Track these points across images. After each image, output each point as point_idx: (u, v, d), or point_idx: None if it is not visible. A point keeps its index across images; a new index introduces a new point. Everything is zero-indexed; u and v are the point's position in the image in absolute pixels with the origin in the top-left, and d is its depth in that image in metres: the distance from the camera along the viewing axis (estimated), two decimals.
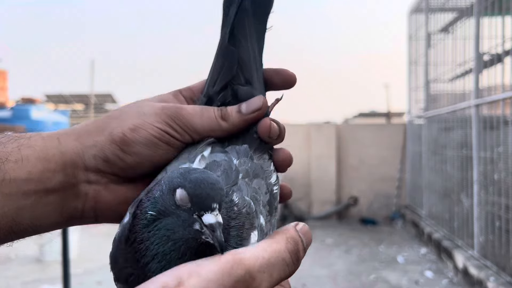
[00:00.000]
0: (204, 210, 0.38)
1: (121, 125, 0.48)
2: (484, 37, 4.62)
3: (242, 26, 0.51)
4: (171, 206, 0.39)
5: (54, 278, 4.51)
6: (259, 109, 0.50)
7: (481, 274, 4.05)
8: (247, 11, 0.51)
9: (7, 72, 15.11)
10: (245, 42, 0.51)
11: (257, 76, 0.52)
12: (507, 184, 3.94)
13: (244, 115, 0.50)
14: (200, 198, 0.38)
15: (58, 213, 0.47)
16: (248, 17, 0.51)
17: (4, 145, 0.44)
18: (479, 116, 4.56)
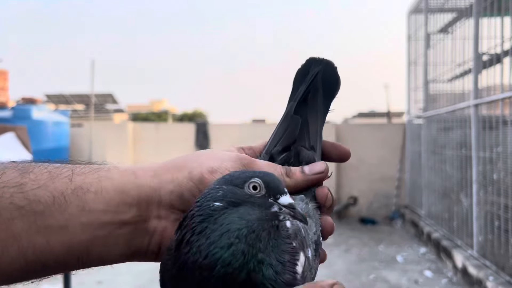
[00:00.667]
0: (279, 194, 0.43)
1: (200, 166, 0.50)
2: (483, 37, 4.63)
3: (311, 103, 0.58)
4: (243, 196, 0.42)
5: (54, 278, 4.51)
6: (322, 172, 0.55)
7: (480, 274, 4.06)
8: (317, 90, 0.58)
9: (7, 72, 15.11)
10: (310, 115, 0.58)
11: (319, 146, 0.58)
12: (506, 183, 3.95)
13: (307, 175, 0.54)
14: (274, 184, 0.43)
15: (126, 246, 0.48)
16: (316, 96, 0.58)
17: (86, 175, 0.47)
18: (478, 116, 4.57)
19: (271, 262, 0.40)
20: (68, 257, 0.45)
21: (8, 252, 0.42)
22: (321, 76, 0.58)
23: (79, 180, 0.46)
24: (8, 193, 0.42)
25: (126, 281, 4.62)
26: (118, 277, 4.68)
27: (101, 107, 17.18)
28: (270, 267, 0.40)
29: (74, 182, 0.45)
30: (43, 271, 0.45)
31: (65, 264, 0.45)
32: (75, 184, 0.45)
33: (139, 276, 4.75)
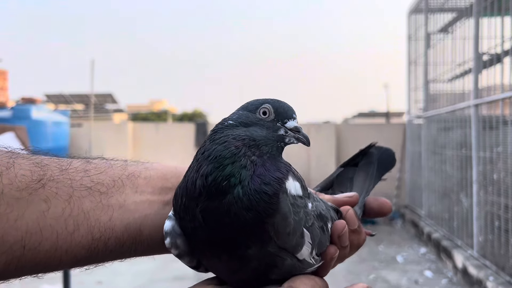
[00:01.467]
0: (287, 119, 0.49)
1: None
2: (483, 37, 4.63)
3: (366, 168, 0.68)
4: (254, 119, 0.48)
5: (54, 278, 4.51)
6: (350, 197, 0.61)
7: (481, 274, 4.05)
8: (374, 164, 0.68)
9: (7, 72, 15.11)
10: (358, 175, 0.67)
11: (362, 197, 0.65)
12: (506, 184, 3.95)
13: (335, 198, 0.61)
14: (283, 109, 0.49)
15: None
16: (369, 166, 0.68)
17: (136, 166, 0.57)
18: (478, 116, 4.57)
19: (255, 170, 0.44)
20: (126, 237, 0.52)
21: (79, 229, 0.48)
22: (378, 155, 0.69)
23: (131, 169, 0.56)
24: (78, 176, 0.50)
25: (126, 281, 4.61)
26: (118, 277, 4.67)
27: (101, 107, 17.19)
28: (251, 171, 0.44)
29: (128, 170, 0.55)
30: (104, 252, 0.51)
31: (122, 245, 0.52)
32: (128, 171, 0.55)
33: (139, 276, 4.74)
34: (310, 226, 0.48)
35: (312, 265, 0.49)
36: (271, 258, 0.44)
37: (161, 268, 4.89)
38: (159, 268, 4.88)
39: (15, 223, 0.44)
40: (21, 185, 0.46)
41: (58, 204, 0.47)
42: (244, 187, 0.43)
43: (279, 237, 0.44)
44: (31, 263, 0.46)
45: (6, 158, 0.47)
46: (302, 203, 0.48)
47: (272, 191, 0.43)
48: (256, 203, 0.42)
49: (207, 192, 0.43)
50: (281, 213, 0.43)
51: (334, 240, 0.53)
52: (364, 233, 0.57)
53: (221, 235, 0.43)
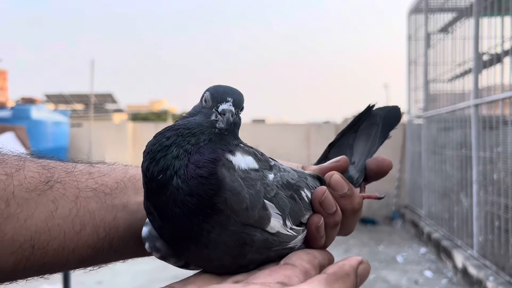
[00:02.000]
0: (220, 103, 0.47)
1: None
2: (484, 37, 4.63)
3: (368, 131, 0.66)
4: (198, 108, 0.50)
5: (54, 278, 4.50)
6: (337, 161, 0.59)
7: (481, 274, 4.05)
8: (377, 125, 0.66)
9: (7, 72, 15.11)
10: (365, 139, 0.65)
11: (361, 161, 0.64)
12: (506, 184, 3.95)
13: (322, 166, 0.59)
14: (218, 93, 0.48)
15: None
16: (375, 127, 0.66)
17: (137, 169, 0.57)
18: (478, 116, 4.57)
19: (190, 158, 0.44)
20: (129, 236, 0.53)
21: (85, 228, 0.50)
22: (382, 115, 0.66)
23: (132, 172, 0.58)
24: (84, 178, 0.53)
25: (126, 281, 4.61)
26: (117, 277, 4.67)
27: (101, 107, 17.19)
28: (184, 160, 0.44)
29: (129, 173, 0.57)
30: (109, 252, 0.53)
31: (126, 244, 0.53)
32: (129, 174, 0.57)
33: (139, 276, 4.74)
34: (273, 196, 0.47)
35: (294, 237, 0.48)
36: (237, 237, 0.44)
37: (161, 268, 4.89)
38: (159, 268, 4.88)
39: (25, 222, 0.46)
40: (30, 186, 0.47)
41: (65, 205, 0.49)
42: (180, 176, 0.43)
43: (237, 214, 0.43)
44: (39, 263, 0.47)
45: (16, 160, 0.49)
46: (258, 175, 0.47)
47: (207, 172, 0.43)
48: (195, 187, 0.42)
49: (151, 188, 0.44)
50: (230, 189, 0.43)
51: (317, 208, 0.51)
52: (358, 197, 0.54)
53: (179, 227, 0.43)
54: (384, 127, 0.66)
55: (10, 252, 0.45)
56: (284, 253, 0.47)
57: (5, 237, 0.44)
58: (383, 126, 0.66)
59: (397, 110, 0.68)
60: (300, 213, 0.50)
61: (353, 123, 0.66)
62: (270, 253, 0.46)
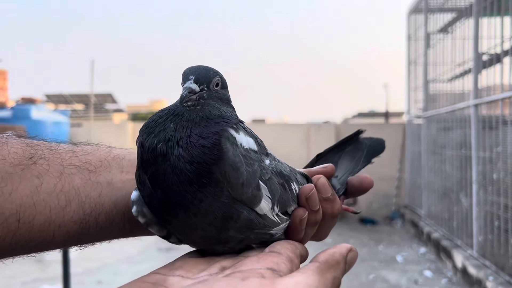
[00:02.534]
0: (184, 82, 0.49)
1: None
2: (483, 37, 4.63)
3: (353, 153, 0.71)
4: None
5: (54, 278, 4.51)
6: (325, 167, 0.63)
7: (480, 274, 4.05)
8: (362, 151, 0.71)
9: (7, 71, 15.10)
10: (349, 159, 0.71)
11: (345, 176, 0.68)
12: (506, 183, 3.95)
13: (311, 170, 0.63)
14: (184, 73, 0.50)
15: None
16: (360, 153, 0.71)
17: (121, 150, 0.60)
18: (478, 116, 4.57)
19: (192, 130, 0.46)
20: (115, 213, 0.55)
21: (71, 204, 0.51)
22: (367, 144, 0.72)
23: (116, 152, 0.59)
24: (67, 155, 0.54)
25: (126, 281, 4.59)
26: (117, 277, 4.67)
27: (101, 107, 17.19)
28: (176, 143, 0.45)
29: (113, 152, 0.59)
30: (95, 229, 0.53)
31: (112, 221, 0.55)
32: (113, 154, 0.58)
33: (138, 276, 4.73)
34: (267, 180, 0.49)
35: (277, 224, 0.50)
36: (226, 210, 0.45)
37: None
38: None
39: (9, 196, 0.46)
40: (14, 161, 0.48)
41: (50, 180, 0.50)
42: (182, 146, 0.45)
43: (233, 188, 0.45)
44: (25, 238, 0.48)
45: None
46: (257, 157, 0.49)
47: (210, 143, 0.45)
48: (197, 156, 0.44)
49: (147, 159, 0.46)
50: (231, 163, 0.45)
51: (303, 203, 0.53)
52: (339, 203, 0.57)
53: (172, 195, 0.45)
54: (368, 154, 0.71)
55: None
56: (264, 238, 0.50)
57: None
58: (367, 153, 0.71)
59: (381, 143, 0.73)
60: (288, 202, 0.52)
61: (340, 143, 0.72)
62: (251, 234, 0.48)
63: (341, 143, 0.72)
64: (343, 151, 0.71)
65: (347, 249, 0.46)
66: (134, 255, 5.49)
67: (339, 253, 0.45)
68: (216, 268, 0.45)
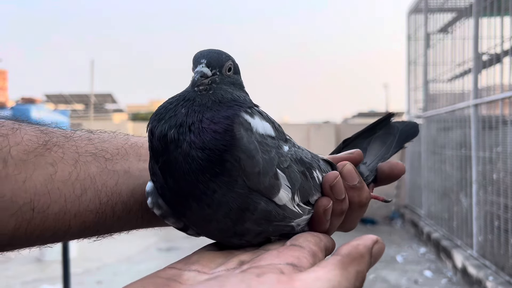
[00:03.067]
0: (196, 66, 0.48)
1: None
2: (483, 37, 4.63)
3: (384, 139, 0.67)
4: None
5: (54, 278, 4.52)
6: (351, 153, 0.59)
7: (480, 274, 4.06)
8: (394, 136, 0.67)
9: (7, 71, 15.11)
10: (379, 145, 0.66)
11: (375, 163, 0.64)
12: (506, 183, 3.95)
13: (336, 156, 0.60)
14: (195, 58, 0.48)
15: None
16: (392, 138, 0.67)
17: (138, 138, 0.59)
18: (478, 116, 4.57)
19: (204, 114, 0.44)
20: (132, 202, 0.53)
21: (86, 193, 0.49)
22: (401, 127, 0.67)
23: (134, 140, 0.58)
24: (83, 143, 0.52)
25: (126, 281, 4.59)
26: (117, 277, 4.67)
27: (101, 107, 17.19)
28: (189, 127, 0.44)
29: (131, 140, 0.57)
30: (112, 219, 0.52)
31: (129, 210, 0.53)
32: (131, 142, 0.57)
33: (138, 276, 4.72)
34: (286, 168, 0.46)
35: (299, 214, 0.47)
36: (241, 200, 0.43)
37: (161, 268, 4.89)
38: (159, 268, 4.88)
39: (23, 184, 0.45)
40: (27, 148, 0.46)
41: (64, 168, 0.48)
42: (194, 131, 0.43)
43: (248, 177, 0.43)
44: (40, 228, 0.46)
45: (11, 123, 0.48)
46: (274, 143, 0.47)
47: (222, 128, 0.43)
48: (208, 141, 0.42)
49: (158, 146, 0.44)
50: (245, 150, 0.42)
51: (327, 192, 0.50)
52: (367, 191, 0.53)
53: (184, 185, 0.43)
54: (400, 139, 0.66)
55: (9, 214, 0.44)
56: (285, 230, 0.47)
57: (4, 198, 0.43)
58: (399, 137, 0.66)
59: (415, 127, 0.68)
60: (310, 191, 0.49)
61: (369, 127, 0.67)
62: (269, 227, 0.46)
63: (371, 127, 0.67)
64: (373, 136, 0.66)
65: (372, 240, 0.42)
66: (134, 255, 5.50)
67: (364, 245, 0.41)
68: (234, 262, 0.43)
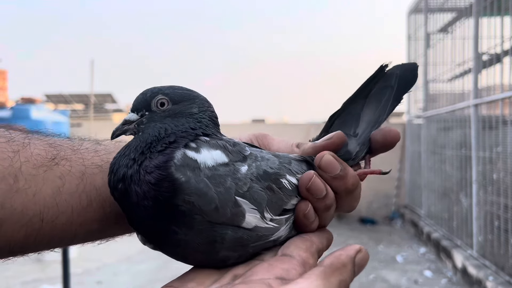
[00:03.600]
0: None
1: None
2: (483, 37, 4.63)
3: (379, 96, 0.59)
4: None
5: (54, 278, 4.51)
6: (330, 138, 0.54)
7: (480, 274, 4.05)
8: (392, 88, 0.59)
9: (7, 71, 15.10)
10: (374, 106, 0.59)
11: (365, 132, 0.59)
12: (506, 183, 3.95)
13: (315, 143, 0.56)
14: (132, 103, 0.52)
15: None
16: (389, 91, 0.59)
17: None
18: (478, 116, 4.57)
19: (141, 164, 0.45)
20: None
21: (92, 204, 0.52)
22: (399, 75, 0.60)
23: None
24: (90, 155, 0.55)
25: (125, 281, 4.61)
26: (117, 277, 4.67)
27: (101, 107, 17.19)
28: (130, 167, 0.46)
29: None
30: (115, 227, 0.55)
31: None
32: None
33: (138, 276, 4.74)
34: (247, 191, 0.45)
35: (276, 228, 0.47)
36: (206, 235, 0.43)
37: (161, 268, 4.89)
38: (159, 268, 4.88)
39: (33, 197, 0.47)
40: (37, 163, 0.49)
41: (72, 181, 0.51)
42: (136, 182, 0.44)
43: (207, 214, 0.43)
44: (48, 236, 0.49)
45: (22, 138, 0.50)
46: (229, 170, 0.45)
47: (155, 178, 0.43)
48: (148, 192, 0.43)
49: (115, 197, 0.47)
50: (195, 191, 0.42)
51: (304, 194, 0.49)
52: (352, 177, 0.51)
53: (148, 230, 0.45)
54: (399, 89, 0.60)
55: (20, 225, 0.46)
56: (267, 246, 0.47)
57: (15, 211, 0.46)
58: (398, 88, 0.59)
59: (414, 69, 0.60)
60: (281, 202, 0.48)
61: (362, 87, 0.60)
62: (247, 249, 0.46)
63: (363, 87, 0.59)
64: (368, 97, 0.59)
65: (355, 250, 0.43)
66: (134, 255, 5.49)
67: (346, 255, 0.42)
68: (228, 278, 0.44)
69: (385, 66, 0.59)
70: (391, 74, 0.59)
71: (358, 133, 0.58)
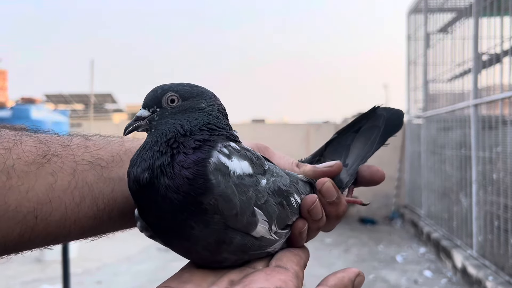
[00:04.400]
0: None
1: None
2: (483, 37, 4.63)
3: (368, 133, 0.65)
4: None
5: (54, 278, 4.51)
6: (331, 166, 0.59)
7: (480, 274, 4.06)
8: (379, 128, 0.65)
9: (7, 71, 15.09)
10: (363, 141, 0.65)
11: (354, 164, 0.64)
12: (505, 183, 3.95)
13: (316, 168, 0.60)
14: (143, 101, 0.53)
15: None
16: (377, 130, 0.65)
17: (132, 142, 0.61)
18: (477, 116, 4.58)
19: (175, 158, 0.46)
20: (128, 208, 0.55)
21: (85, 200, 0.52)
22: (386, 117, 0.65)
23: (128, 145, 0.60)
24: (80, 152, 0.54)
25: (125, 281, 4.61)
26: (117, 277, 4.67)
27: (100, 107, 17.19)
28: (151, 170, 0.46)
29: (125, 146, 0.60)
30: (108, 223, 0.55)
31: (124, 215, 0.55)
32: (125, 147, 0.59)
33: (138, 276, 4.74)
34: (263, 203, 0.48)
35: (276, 241, 0.50)
36: (218, 235, 0.45)
37: (161, 268, 4.89)
38: (159, 268, 4.88)
39: (26, 194, 0.47)
40: (28, 159, 0.49)
41: (64, 178, 0.51)
42: (167, 174, 0.45)
43: (226, 218, 0.45)
44: (43, 233, 0.49)
45: (13, 135, 0.50)
46: (252, 181, 0.48)
47: (193, 174, 0.45)
48: (181, 186, 0.44)
49: (135, 188, 0.47)
50: (222, 195, 0.44)
51: (305, 215, 0.53)
52: (344, 204, 0.56)
53: (163, 222, 0.46)
54: (386, 131, 0.65)
55: (15, 223, 0.47)
56: (261, 256, 0.50)
57: (9, 208, 0.46)
58: (385, 129, 0.65)
59: (399, 116, 0.66)
60: (287, 218, 0.51)
61: (355, 122, 0.66)
62: (245, 256, 0.48)
63: (356, 122, 0.66)
64: (358, 132, 0.65)
65: (355, 273, 0.48)
66: (134, 255, 5.50)
67: (348, 277, 0.47)
68: (224, 282, 0.46)
69: (377, 107, 0.65)
70: (380, 115, 0.65)
71: (348, 163, 0.63)
